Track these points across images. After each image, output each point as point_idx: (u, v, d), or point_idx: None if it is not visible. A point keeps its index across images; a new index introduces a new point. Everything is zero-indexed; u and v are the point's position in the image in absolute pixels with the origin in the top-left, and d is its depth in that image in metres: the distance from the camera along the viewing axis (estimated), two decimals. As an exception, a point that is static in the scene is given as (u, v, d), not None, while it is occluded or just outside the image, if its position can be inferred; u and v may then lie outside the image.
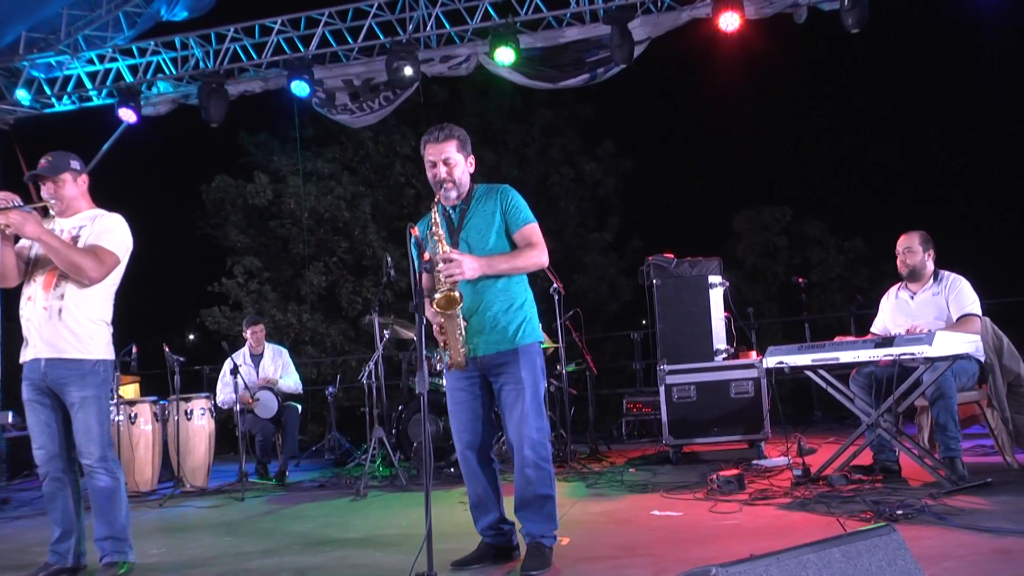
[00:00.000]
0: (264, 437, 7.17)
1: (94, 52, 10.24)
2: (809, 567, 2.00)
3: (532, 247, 3.59)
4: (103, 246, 3.84)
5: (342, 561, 3.95)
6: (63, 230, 3.91)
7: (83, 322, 3.83)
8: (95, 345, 3.85)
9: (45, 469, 3.88)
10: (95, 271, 3.79)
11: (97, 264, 3.79)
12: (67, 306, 3.80)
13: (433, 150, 3.63)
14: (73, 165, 3.96)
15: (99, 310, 3.91)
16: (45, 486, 3.89)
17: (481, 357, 3.58)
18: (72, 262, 3.74)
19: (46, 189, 3.92)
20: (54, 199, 3.92)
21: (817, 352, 5.07)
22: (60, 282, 3.82)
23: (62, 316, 3.79)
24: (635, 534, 4.15)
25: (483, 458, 3.66)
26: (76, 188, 3.97)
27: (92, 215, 3.98)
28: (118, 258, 3.90)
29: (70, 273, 3.78)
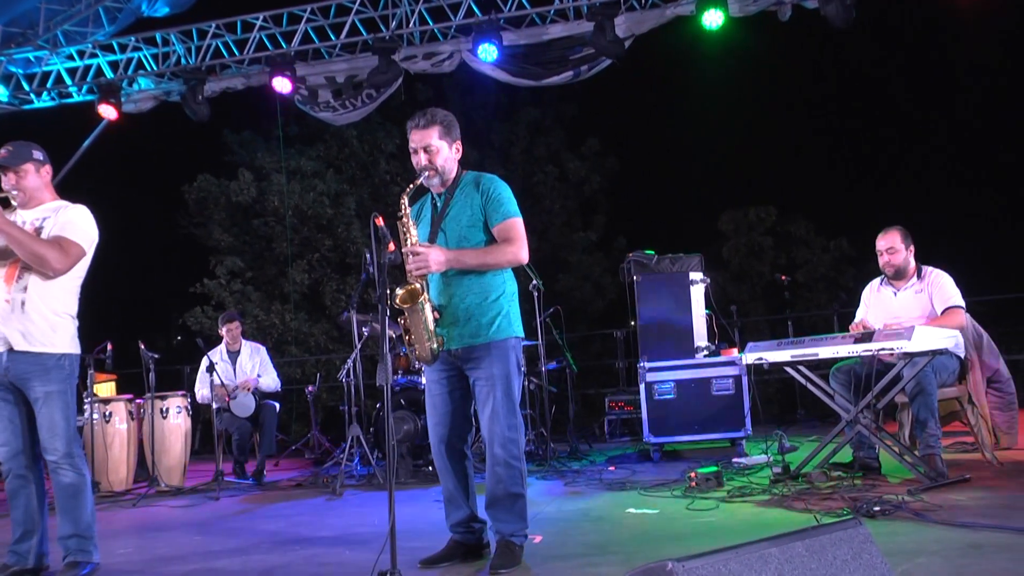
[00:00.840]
0: (241, 436, 7.08)
1: (74, 48, 10.15)
2: (771, 561, 1.95)
3: (508, 243, 3.50)
4: (68, 237, 3.75)
5: (310, 560, 3.87)
6: (25, 222, 3.82)
7: (47, 315, 3.73)
8: (59, 338, 3.76)
9: (8, 466, 3.78)
10: (60, 262, 3.70)
11: (62, 255, 3.70)
12: (30, 298, 3.71)
13: (415, 137, 3.57)
14: (35, 155, 3.87)
15: (63, 303, 3.82)
16: (7, 484, 3.79)
17: (455, 350, 3.51)
18: (36, 253, 3.65)
19: (7, 180, 3.83)
20: (16, 190, 3.83)
21: (796, 348, 5.03)
22: (23, 274, 3.73)
23: (25, 309, 3.69)
24: (609, 532, 4.10)
25: (455, 453, 3.59)
26: (39, 179, 3.88)
27: (55, 206, 3.89)
28: (83, 250, 3.81)
29: (34, 265, 3.68)
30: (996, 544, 3.22)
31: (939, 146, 17.51)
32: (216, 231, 14.83)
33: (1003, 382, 5.24)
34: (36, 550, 3.76)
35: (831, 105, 18.58)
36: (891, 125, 18.08)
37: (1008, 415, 5.22)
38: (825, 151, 18.41)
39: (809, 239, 16.27)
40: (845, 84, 18.55)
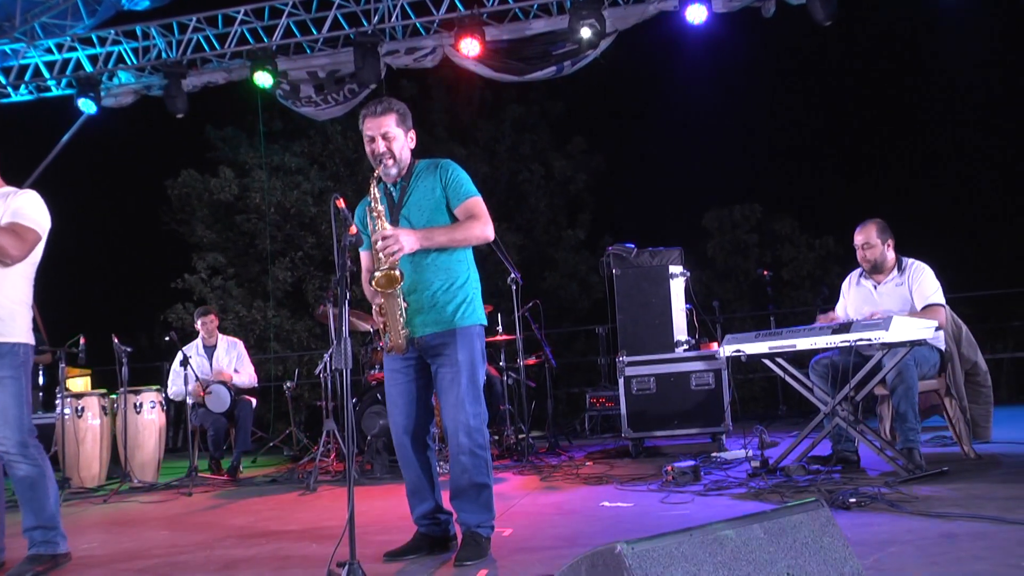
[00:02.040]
0: (216, 431, 6.97)
1: (52, 41, 10.04)
2: (726, 544, 1.88)
3: (475, 219, 3.43)
4: (22, 223, 3.65)
5: (275, 553, 3.79)
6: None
7: (4, 303, 3.64)
8: (14, 327, 3.66)
9: None
10: (16, 249, 3.60)
11: (18, 242, 3.61)
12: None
13: (372, 124, 3.49)
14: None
15: (18, 291, 3.72)
16: None
17: (419, 338, 3.44)
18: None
19: None
20: None
21: (774, 339, 4.97)
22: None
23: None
24: (580, 525, 4.02)
25: (418, 444, 3.51)
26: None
27: (4, 193, 3.79)
28: (39, 235, 3.72)
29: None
30: (970, 533, 3.16)
31: (925, 143, 17.55)
32: (199, 227, 14.73)
33: (980, 375, 5.20)
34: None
35: (816, 102, 18.61)
36: (876, 122, 18.11)
37: (985, 408, 5.19)
38: (810, 149, 18.43)
39: (794, 237, 16.27)
40: (829, 81, 18.57)
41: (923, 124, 17.27)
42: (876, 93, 18.18)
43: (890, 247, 5.26)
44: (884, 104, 17.91)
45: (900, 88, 17.75)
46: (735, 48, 12.54)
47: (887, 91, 17.92)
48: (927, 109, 17.33)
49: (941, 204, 16.16)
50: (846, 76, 18.24)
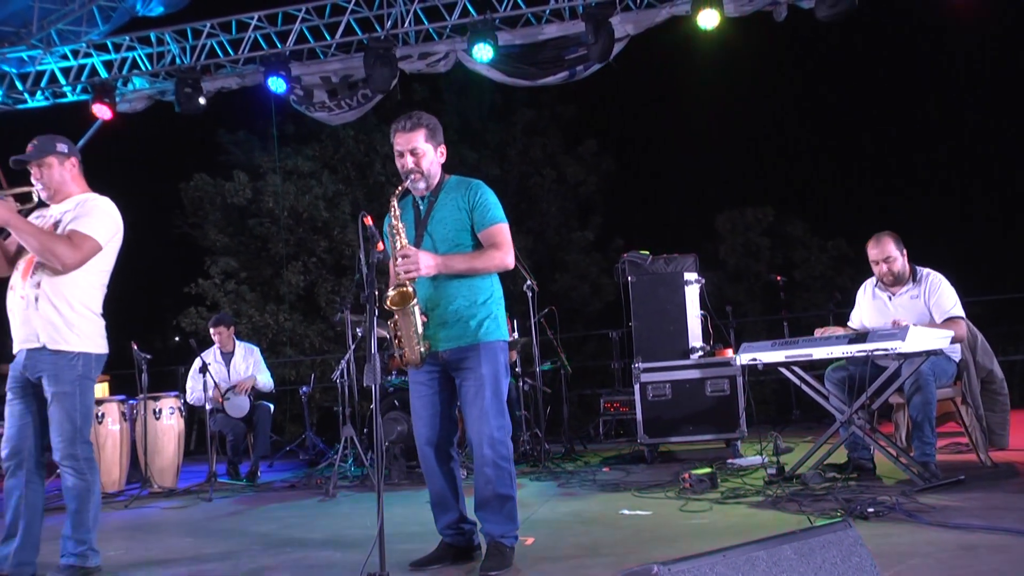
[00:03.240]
0: (235, 437, 7.05)
1: (68, 47, 10.12)
2: (759, 565, 1.92)
3: (495, 248, 3.47)
4: (80, 231, 3.68)
5: (300, 562, 3.85)
6: (52, 215, 3.79)
7: (63, 311, 3.67)
8: (74, 336, 3.69)
9: (7, 464, 3.72)
10: (70, 257, 3.63)
11: (72, 250, 3.64)
12: (43, 294, 3.66)
13: (401, 139, 3.54)
14: (59, 148, 3.82)
15: (81, 299, 3.74)
16: (6, 481, 3.72)
17: (443, 352, 3.49)
18: (45, 248, 3.60)
19: (34, 174, 3.80)
20: (40, 184, 3.80)
21: (790, 348, 5.00)
22: (36, 270, 3.69)
23: (38, 305, 3.65)
24: (601, 533, 4.07)
25: (442, 455, 3.56)
26: (64, 172, 3.82)
27: (79, 199, 3.82)
28: (97, 243, 3.72)
29: (44, 260, 3.64)
30: (989, 545, 3.20)
31: (935, 146, 17.53)
32: (211, 231, 14.81)
33: (996, 383, 5.21)
34: (21, 555, 3.66)
35: (827, 105, 18.62)
36: (887, 125, 18.10)
37: (1001, 416, 5.19)
38: (822, 152, 18.44)
39: (806, 239, 16.29)
40: (840, 84, 18.58)
41: (934, 125, 17.27)
42: (887, 95, 18.19)
43: (905, 257, 5.25)
44: (896, 106, 17.92)
45: (911, 90, 17.75)
46: (746, 51, 12.55)
47: (898, 93, 17.92)
48: (938, 110, 17.33)
49: (952, 205, 16.17)
50: (857, 79, 18.25)
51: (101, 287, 3.86)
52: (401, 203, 3.65)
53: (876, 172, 18.44)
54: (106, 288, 3.91)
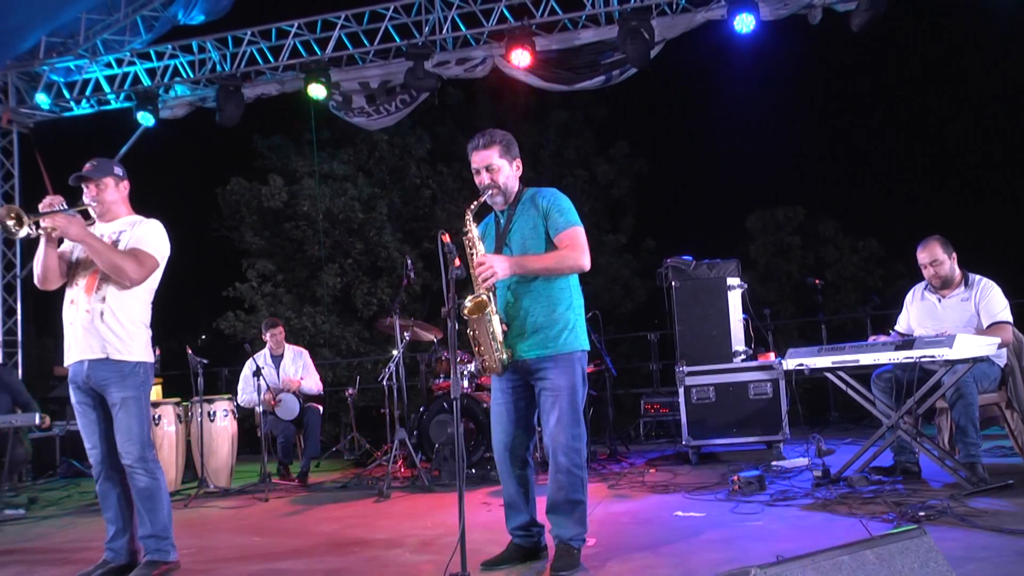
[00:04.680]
0: (285, 438, 7.24)
1: (112, 56, 10.35)
2: (843, 568, 2.05)
3: (570, 249, 3.60)
4: (143, 249, 3.91)
5: (371, 562, 4.00)
6: (103, 234, 3.98)
7: (124, 324, 3.89)
8: (135, 347, 3.91)
9: (98, 469, 3.97)
10: (136, 273, 3.85)
11: (138, 266, 3.86)
12: (108, 309, 3.86)
13: (477, 157, 3.69)
14: (116, 171, 4.05)
15: (139, 313, 3.97)
16: (98, 485, 3.99)
17: (522, 360, 3.62)
18: (114, 264, 3.81)
19: (88, 192, 4.00)
20: (95, 202, 4.00)
21: (837, 354, 5.10)
22: (101, 285, 3.89)
23: (104, 318, 3.85)
24: (660, 535, 4.20)
25: (517, 460, 3.71)
26: (117, 193, 4.05)
27: (131, 221, 4.05)
28: (157, 261, 3.97)
29: (112, 275, 3.84)
30: (1045, 550, 3.28)
31: (972, 144, 17.45)
32: (248, 234, 15.04)
33: (1043, 388, 5.27)
34: (128, 547, 3.97)
35: (860, 106, 18.58)
36: (920, 123, 18.03)
37: (1048, 420, 5.26)
38: (853, 151, 18.41)
39: (837, 239, 16.27)
40: (873, 85, 18.54)
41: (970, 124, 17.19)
42: (922, 95, 18.11)
43: (954, 260, 5.31)
44: (931, 106, 17.84)
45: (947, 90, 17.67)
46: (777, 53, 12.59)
47: (934, 93, 17.85)
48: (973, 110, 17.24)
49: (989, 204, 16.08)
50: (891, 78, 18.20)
51: (150, 302, 4.08)
52: (482, 220, 3.80)
53: (909, 171, 18.39)
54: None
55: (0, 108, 10.57)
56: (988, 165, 17.24)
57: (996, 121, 16.99)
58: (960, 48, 16.65)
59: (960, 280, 5.30)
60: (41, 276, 3.93)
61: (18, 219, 3.73)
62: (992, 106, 17.07)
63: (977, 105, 17.34)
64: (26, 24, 9.88)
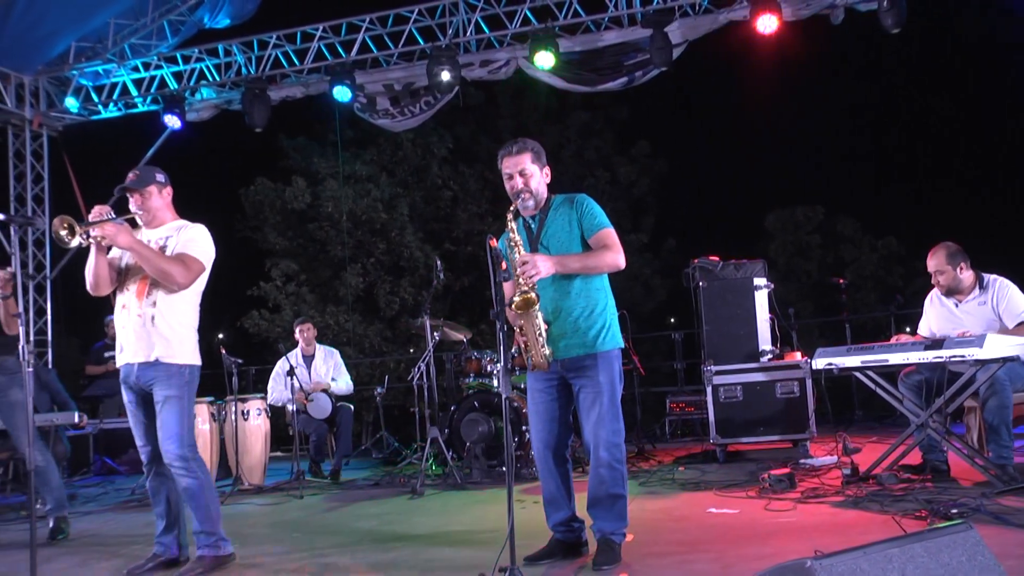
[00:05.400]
0: (318, 437, 7.36)
1: (139, 60, 10.48)
2: (893, 561, 2.13)
3: (607, 249, 3.73)
4: (190, 254, 4.03)
5: (415, 556, 4.11)
6: (150, 240, 4.10)
7: (174, 327, 4.01)
8: (183, 350, 4.04)
9: (148, 467, 4.11)
10: (183, 277, 3.97)
11: (185, 271, 3.98)
12: (159, 313, 3.99)
13: (509, 163, 3.80)
14: (158, 178, 4.17)
15: (188, 316, 4.09)
16: (149, 482, 4.14)
17: (561, 360, 3.74)
18: (162, 269, 3.93)
19: (134, 201, 4.13)
20: (141, 210, 4.13)
21: (866, 354, 5.16)
22: (152, 290, 4.01)
23: (155, 322, 3.98)
24: (695, 531, 4.28)
25: (558, 457, 3.82)
26: (161, 200, 4.18)
27: (177, 226, 4.18)
28: (203, 265, 4.09)
29: (160, 280, 3.96)
30: (1079, 547, 3.34)
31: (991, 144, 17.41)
32: (271, 234, 15.19)
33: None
34: (177, 541, 4.11)
35: (878, 105, 18.57)
36: (940, 122, 18.01)
37: (1078, 419, 5.29)
38: (873, 150, 18.41)
39: (856, 238, 16.28)
40: (893, 84, 18.51)
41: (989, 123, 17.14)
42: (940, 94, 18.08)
43: (963, 269, 5.30)
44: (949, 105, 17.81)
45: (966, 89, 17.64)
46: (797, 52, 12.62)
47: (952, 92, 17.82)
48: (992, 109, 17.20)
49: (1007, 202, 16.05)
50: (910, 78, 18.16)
51: (197, 306, 4.20)
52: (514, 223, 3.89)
53: (928, 170, 18.36)
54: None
55: (31, 112, 10.73)
56: (1008, 163, 17.20)
57: (1018, 120, 16.94)
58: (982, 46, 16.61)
59: (973, 284, 5.31)
60: (93, 283, 4.06)
61: (70, 229, 3.88)
62: (1014, 104, 17.02)
63: (997, 103, 17.30)
64: (58, 30, 10.04)
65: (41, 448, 5.40)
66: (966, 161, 17.58)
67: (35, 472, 4.88)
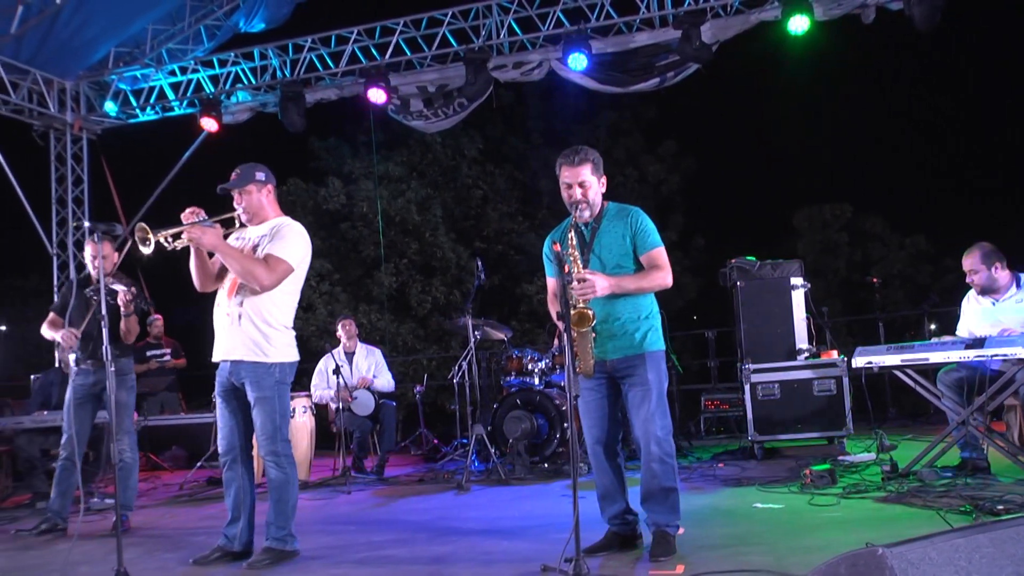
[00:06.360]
0: (362, 434, 7.51)
1: (176, 64, 10.66)
2: (960, 551, 2.24)
3: (658, 269, 3.88)
4: (275, 255, 4.12)
5: (472, 549, 4.24)
6: (250, 238, 4.24)
7: (260, 327, 4.12)
8: (272, 348, 4.14)
9: (224, 458, 4.26)
10: (267, 279, 4.07)
11: (268, 272, 4.07)
12: (246, 312, 4.12)
13: (569, 173, 3.92)
14: (258, 177, 4.28)
15: (277, 315, 4.18)
16: (224, 473, 4.29)
17: (610, 361, 3.87)
18: (246, 270, 4.05)
19: (236, 200, 4.26)
20: (241, 208, 4.26)
21: (907, 353, 5.25)
22: (240, 290, 4.15)
23: (241, 322, 4.12)
24: (744, 524, 4.40)
25: (610, 452, 3.96)
26: (262, 198, 4.28)
27: (274, 225, 4.27)
28: (290, 266, 4.15)
29: (244, 281, 4.09)
30: None
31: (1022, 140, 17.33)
32: (305, 234, 15.36)
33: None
34: (242, 536, 4.24)
35: (907, 102, 18.53)
36: (968, 119, 17.95)
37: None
38: (899, 147, 18.36)
39: (884, 236, 16.28)
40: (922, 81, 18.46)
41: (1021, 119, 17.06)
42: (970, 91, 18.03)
43: (998, 269, 5.39)
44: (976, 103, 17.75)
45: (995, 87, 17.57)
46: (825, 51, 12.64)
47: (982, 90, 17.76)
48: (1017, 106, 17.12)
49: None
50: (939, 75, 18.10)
51: (293, 304, 4.31)
52: (559, 230, 4.02)
53: (956, 167, 18.31)
54: (297, 303, 4.35)
55: (72, 116, 10.97)
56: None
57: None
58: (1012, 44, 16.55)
59: (1009, 282, 5.40)
60: (198, 282, 4.26)
61: (145, 236, 3.98)
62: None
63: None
64: (98, 36, 10.27)
65: (132, 446, 5.56)
66: (996, 158, 17.54)
67: (122, 468, 5.14)
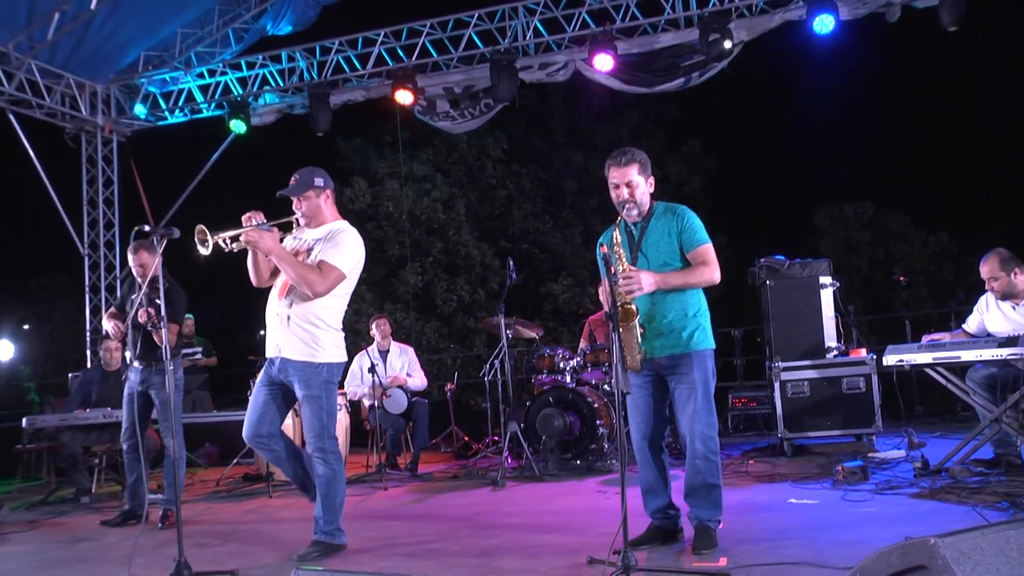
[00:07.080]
0: (395, 431, 7.63)
1: (204, 67, 10.81)
2: (1012, 542, 2.32)
3: (705, 265, 3.94)
4: (328, 262, 4.22)
5: (518, 542, 4.35)
6: (306, 239, 4.36)
7: (308, 328, 4.24)
8: (320, 349, 4.26)
9: (249, 440, 4.40)
10: (319, 285, 4.17)
11: (320, 279, 4.17)
12: (294, 313, 4.24)
13: (617, 173, 4.01)
14: (317, 182, 4.40)
15: (325, 316, 4.29)
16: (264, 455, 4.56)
17: (657, 358, 3.97)
18: (299, 276, 4.16)
19: (296, 204, 4.39)
20: (300, 212, 4.39)
21: (938, 351, 5.32)
22: (290, 291, 4.28)
23: (290, 322, 4.24)
24: (782, 519, 4.49)
25: (655, 448, 4.06)
26: (320, 202, 4.40)
27: (330, 229, 4.37)
28: (342, 273, 4.26)
29: (297, 286, 4.20)
30: None
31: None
32: (328, 234, 15.53)
33: None
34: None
35: (927, 100, 18.47)
36: (991, 117, 17.88)
37: None
38: (922, 145, 18.31)
39: (907, 234, 16.26)
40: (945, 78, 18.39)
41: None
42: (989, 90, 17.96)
43: (1016, 274, 5.44)
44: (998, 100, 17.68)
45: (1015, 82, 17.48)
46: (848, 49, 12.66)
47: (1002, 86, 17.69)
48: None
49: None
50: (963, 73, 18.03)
51: (342, 306, 4.43)
52: (607, 229, 4.12)
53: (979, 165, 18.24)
54: (346, 305, 4.48)
55: (103, 119, 11.15)
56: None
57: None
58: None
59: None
60: (254, 278, 4.42)
61: (204, 238, 4.11)
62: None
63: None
64: (131, 40, 10.45)
65: (182, 443, 5.70)
66: (1021, 155, 17.45)
67: (168, 463, 5.29)
